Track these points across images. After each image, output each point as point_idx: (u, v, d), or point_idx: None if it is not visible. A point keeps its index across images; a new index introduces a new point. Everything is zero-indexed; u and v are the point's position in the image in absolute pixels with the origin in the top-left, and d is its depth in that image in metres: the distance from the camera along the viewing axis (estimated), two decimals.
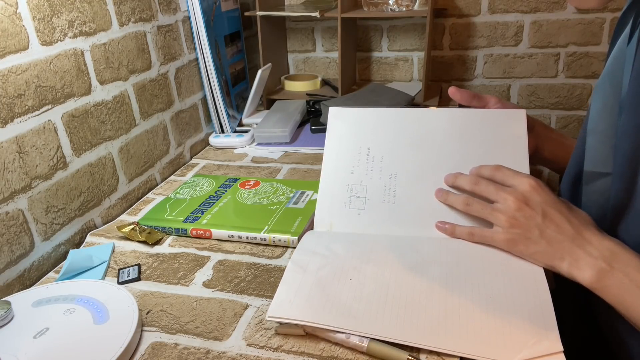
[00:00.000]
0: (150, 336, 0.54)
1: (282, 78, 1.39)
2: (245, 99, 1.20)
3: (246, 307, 0.58)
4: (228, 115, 1.09)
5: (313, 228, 0.67)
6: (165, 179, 0.95)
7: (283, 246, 0.69)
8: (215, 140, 1.08)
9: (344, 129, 0.69)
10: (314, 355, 0.50)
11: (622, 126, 0.53)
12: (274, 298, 0.54)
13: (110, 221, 0.80)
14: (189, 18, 1.00)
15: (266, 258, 0.67)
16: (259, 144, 1.07)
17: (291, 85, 1.35)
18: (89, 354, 0.49)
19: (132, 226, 0.73)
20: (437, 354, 0.48)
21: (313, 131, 1.11)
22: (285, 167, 0.96)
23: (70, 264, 0.66)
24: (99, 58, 0.77)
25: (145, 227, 0.73)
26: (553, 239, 0.54)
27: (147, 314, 0.57)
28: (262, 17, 1.21)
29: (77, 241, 0.74)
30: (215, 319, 0.56)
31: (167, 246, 0.71)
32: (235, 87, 1.18)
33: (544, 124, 0.74)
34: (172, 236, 0.73)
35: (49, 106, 0.68)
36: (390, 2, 1.20)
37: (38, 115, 0.66)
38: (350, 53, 1.35)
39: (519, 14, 1.31)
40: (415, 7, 1.22)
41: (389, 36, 1.40)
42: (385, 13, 1.20)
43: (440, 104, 1.23)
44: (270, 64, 1.19)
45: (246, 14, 1.22)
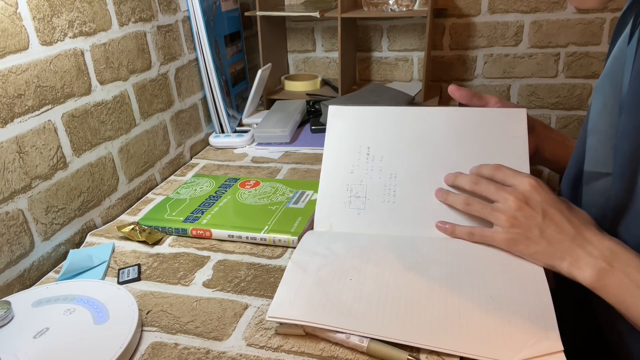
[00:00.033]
0: (150, 336, 0.54)
1: (282, 78, 1.39)
2: (245, 99, 1.20)
3: (246, 307, 0.58)
4: (228, 115, 1.09)
5: (313, 228, 0.67)
6: (165, 179, 0.95)
7: (283, 246, 0.69)
8: (215, 140, 1.08)
9: (343, 127, 0.69)
10: (314, 355, 0.50)
11: (622, 126, 0.53)
12: (274, 298, 0.54)
13: (110, 221, 0.80)
14: (189, 18, 1.00)
15: (266, 258, 0.67)
16: (259, 144, 1.07)
17: (291, 85, 1.35)
18: (89, 354, 0.49)
19: (132, 226, 0.73)
20: (437, 354, 0.48)
21: (313, 131, 1.11)
22: (285, 167, 0.96)
23: (70, 264, 0.66)
24: (99, 58, 0.77)
25: (145, 227, 0.73)
26: (553, 239, 0.54)
27: (147, 314, 0.57)
28: (262, 17, 1.21)
29: (77, 241, 0.74)
30: (215, 319, 0.56)
31: (167, 246, 0.71)
32: (235, 87, 1.18)
33: (545, 124, 0.74)
34: (172, 236, 0.73)
35: (49, 106, 0.68)
36: (390, 2, 1.20)
37: (38, 115, 0.66)
38: (350, 53, 1.35)
39: (519, 14, 1.31)
40: (415, 7, 1.22)
41: (389, 36, 1.40)
42: (385, 13, 1.20)
43: (440, 104, 1.23)
44: (270, 64, 1.19)
45: (246, 14, 1.22)
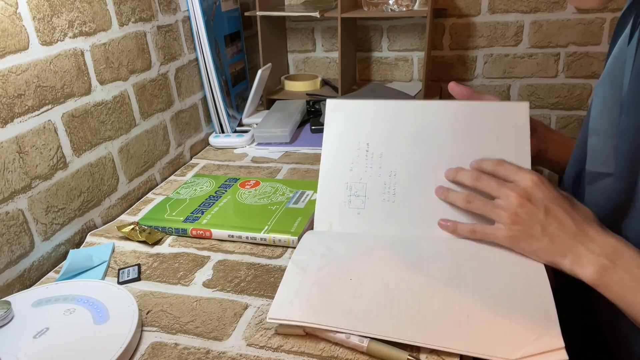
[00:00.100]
0: (150, 336, 0.54)
1: (282, 78, 1.39)
2: (245, 99, 1.20)
3: (246, 307, 0.58)
4: (228, 115, 1.09)
5: (313, 228, 0.67)
6: (165, 179, 0.95)
7: (283, 246, 0.69)
8: (215, 140, 1.08)
9: (342, 122, 0.68)
10: (314, 355, 0.50)
11: (622, 126, 0.53)
12: (274, 299, 0.54)
13: (110, 221, 0.80)
14: (189, 18, 1.00)
15: (266, 258, 0.67)
16: (259, 144, 1.07)
17: (291, 85, 1.35)
18: (89, 354, 0.49)
19: (132, 226, 0.73)
20: (437, 354, 0.48)
21: (313, 131, 1.11)
22: (285, 167, 0.96)
23: (70, 264, 0.66)
24: (99, 58, 0.77)
25: (145, 227, 0.73)
26: (555, 236, 0.53)
27: (147, 314, 0.57)
28: (262, 17, 1.21)
29: (77, 241, 0.74)
30: (215, 319, 0.56)
31: (167, 246, 0.71)
32: (235, 87, 1.18)
33: (546, 126, 0.73)
34: (172, 236, 0.73)
35: (49, 106, 0.68)
36: (390, 2, 1.20)
37: (38, 115, 0.66)
38: (350, 53, 1.35)
39: (519, 14, 1.31)
40: (415, 7, 1.22)
41: (389, 36, 1.40)
42: (385, 13, 1.20)
43: None
44: (270, 64, 1.19)
45: (246, 14, 1.22)
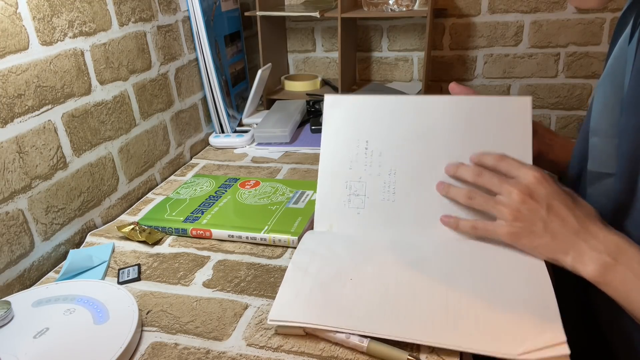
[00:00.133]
0: (150, 336, 0.54)
1: (282, 78, 1.39)
2: (245, 99, 1.20)
3: (246, 307, 0.58)
4: (228, 115, 1.09)
5: (313, 228, 0.67)
6: (165, 179, 0.95)
7: (283, 246, 0.69)
8: (215, 140, 1.08)
9: (341, 119, 0.68)
10: (314, 355, 0.50)
11: (622, 126, 0.53)
12: (275, 301, 0.54)
13: (110, 221, 0.80)
14: (189, 18, 1.00)
15: (266, 258, 0.67)
16: (259, 144, 1.07)
17: (291, 85, 1.35)
18: (89, 354, 0.49)
19: (132, 226, 0.73)
20: (437, 353, 0.48)
21: (313, 131, 1.11)
22: (285, 167, 0.96)
23: (70, 264, 0.66)
24: (99, 58, 0.77)
25: (145, 227, 0.73)
26: (557, 233, 0.53)
27: (147, 314, 0.57)
28: (262, 17, 1.21)
29: (77, 241, 0.74)
30: (215, 319, 0.56)
31: (167, 246, 0.71)
32: (235, 87, 1.18)
33: (547, 128, 0.73)
34: (172, 236, 0.73)
35: (49, 106, 0.68)
36: (390, 2, 1.20)
37: (38, 115, 0.66)
38: (350, 53, 1.35)
39: (519, 14, 1.31)
40: (415, 7, 1.22)
41: (389, 36, 1.40)
42: (385, 13, 1.20)
43: None
44: (270, 64, 1.19)
45: (246, 14, 1.22)
